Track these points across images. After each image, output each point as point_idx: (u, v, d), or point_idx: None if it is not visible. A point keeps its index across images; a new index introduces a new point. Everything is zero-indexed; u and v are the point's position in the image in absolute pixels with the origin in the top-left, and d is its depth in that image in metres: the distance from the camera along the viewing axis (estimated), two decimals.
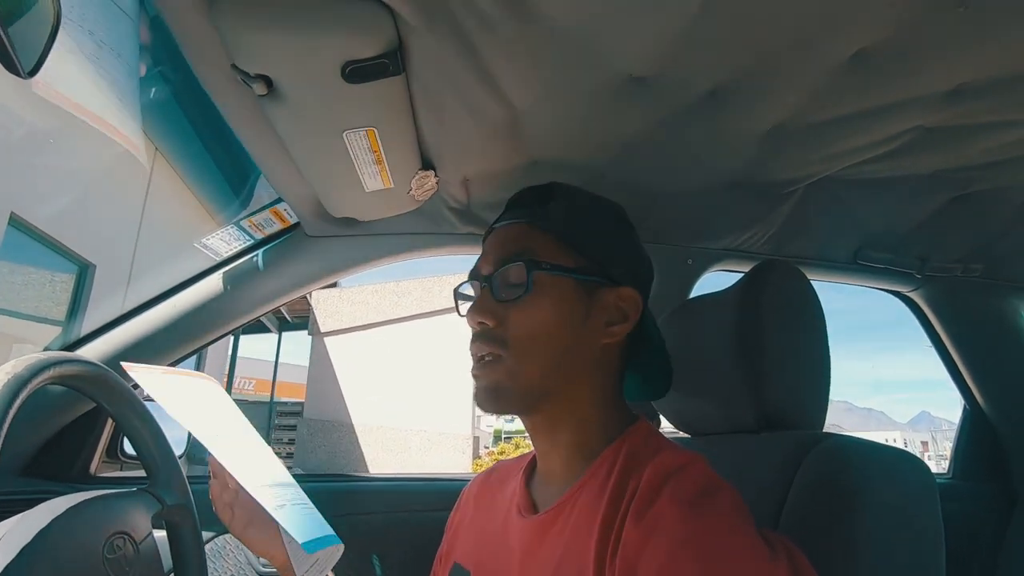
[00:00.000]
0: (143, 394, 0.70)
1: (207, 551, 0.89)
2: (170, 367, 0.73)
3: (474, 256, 0.69)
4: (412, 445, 8.10)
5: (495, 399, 0.61)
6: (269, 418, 9.26)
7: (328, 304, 8.67)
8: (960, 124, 0.82)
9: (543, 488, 0.66)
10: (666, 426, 0.91)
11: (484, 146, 0.85)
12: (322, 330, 8.69)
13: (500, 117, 0.77)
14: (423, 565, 0.80)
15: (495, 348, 0.61)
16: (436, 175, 0.90)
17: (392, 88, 0.67)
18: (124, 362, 0.69)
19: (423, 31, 0.61)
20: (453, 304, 0.70)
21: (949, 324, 1.45)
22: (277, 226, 1.05)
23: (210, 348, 1.12)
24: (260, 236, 1.06)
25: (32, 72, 0.46)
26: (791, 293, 0.75)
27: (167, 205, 4.93)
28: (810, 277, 0.77)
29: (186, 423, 0.65)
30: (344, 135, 0.74)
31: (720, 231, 1.15)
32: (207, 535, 0.99)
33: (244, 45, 0.59)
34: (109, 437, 1.08)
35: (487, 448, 11.89)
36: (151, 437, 0.73)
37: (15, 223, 3.55)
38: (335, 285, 8.50)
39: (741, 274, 0.80)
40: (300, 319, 9.32)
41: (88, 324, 1.06)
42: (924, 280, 1.36)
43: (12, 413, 0.51)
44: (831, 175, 0.98)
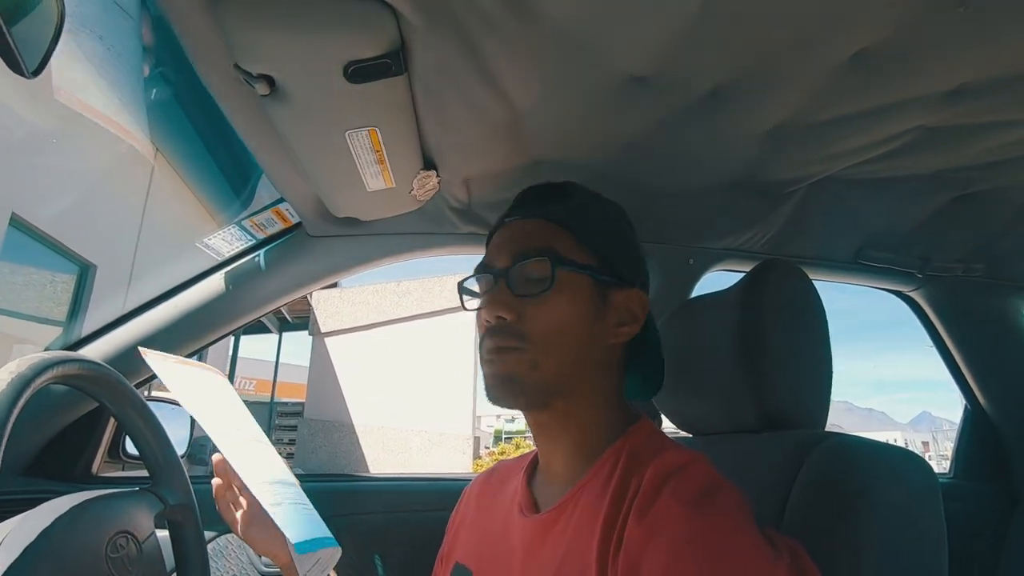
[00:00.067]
0: (146, 393, 0.70)
1: (209, 551, 0.89)
2: (183, 358, 0.74)
3: (475, 256, 0.69)
4: (413, 445, 8.09)
5: (509, 389, 0.60)
6: (270, 418, 9.25)
7: (329, 304, 8.66)
8: (961, 124, 0.82)
9: (545, 487, 0.66)
10: (667, 426, 0.91)
11: (486, 146, 0.85)
12: (323, 330, 8.67)
13: (502, 117, 0.78)
14: (423, 565, 0.80)
15: (514, 342, 0.60)
16: (438, 175, 0.90)
17: (394, 88, 0.67)
18: (141, 347, 0.69)
19: (425, 31, 0.61)
20: (453, 305, 0.70)
21: (950, 324, 1.45)
22: (279, 226, 1.06)
23: (211, 348, 1.12)
24: (262, 236, 1.06)
25: (36, 72, 0.46)
26: (792, 293, 0.75)
27: (168, 205, 4.94)
28: (811, 277, 0.77)
29: (194, 412, 0.65)
30: (346, 135, 0.74)
31: (721, 231, 1.15)
32: (209, 535, 0.99)
33: (247, 45, 0.59)
34: (111, 437, 1.08)
35: (487, 448, 11.89)
36: (153, 437, 0.73)
37: (16, 223, 3.55)
38: (335, 285, 8.50)
39: (742, 274, 0.80)
40: (300, 319, 9.31)
41: (89, 325, 1.06)
42: (925, 280, 1.36)
43: (16, 413, 0.51)
44: (832, 175, 0.98)
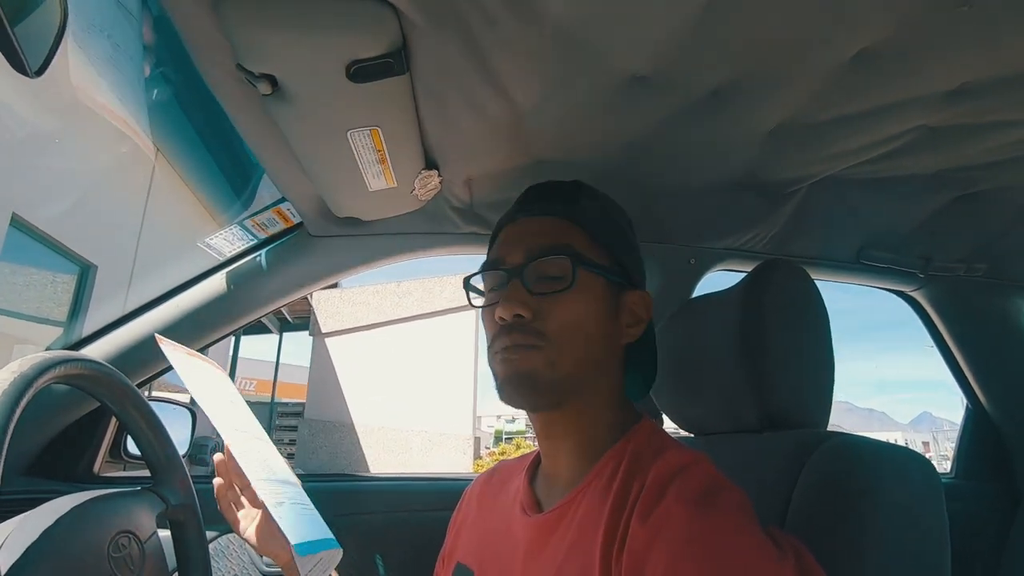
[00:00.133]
0: (147, 393, 0.70)
1: (211, 550, 0.89)
2: (192, 351, 0.75)
3: (476, 256, 0.69)
4: (413, 446, 8.09)
5: (526, 388, 0.59)
6: (270, 419, 9.26)
7: (329, 305, 8.67)
8: (962, 124, 0.82)
9: (547, 487, 0.66)
10: (668, 426, 0.91)
11: (487, 145, 0.85)
12: (323, 331, 8.68)
13: (504, 116, 0.78)
14: (424, 565, 0.80)
15: (532, 340, 0.58)
16: (439, 175, 0.90)
17: (396, 87, 0.67)
18: (157, 334, 0.70)
19: (427, 31, 0.61)
20: (453, 305, 0.70)
21: (952, 324, 1.45)
22: (280, 226, 1.06)
23: (211, 348, 1.12)
24: (263, 236, 1.06)
25: (39, 71, 0.46)
26: (794, 292, 0.75)
27: (169, 205, 4.94)
28: (813, 277, 0.77)
29: (203, 404, 0.66)
30: (348, 134, 0.74)
31: (722, 231, 1.15)
32: (211, 534, 0.99)
33: (250, 45, 0.59)
34: (113, 437, 1.08)
35: (488, 448, 11.90)
36: (155, 437, 0.73)
37: (17, 224, 3.55)
38: (336, 285, 8.50)
39: (744, 274, 0.80)
40: (301, 320, 9.31)
41: (90, 325, 1.06)
42: (927, 280, 1.36)
43: (18, 412, 0.51)
44: (833, 175, 0.98)
